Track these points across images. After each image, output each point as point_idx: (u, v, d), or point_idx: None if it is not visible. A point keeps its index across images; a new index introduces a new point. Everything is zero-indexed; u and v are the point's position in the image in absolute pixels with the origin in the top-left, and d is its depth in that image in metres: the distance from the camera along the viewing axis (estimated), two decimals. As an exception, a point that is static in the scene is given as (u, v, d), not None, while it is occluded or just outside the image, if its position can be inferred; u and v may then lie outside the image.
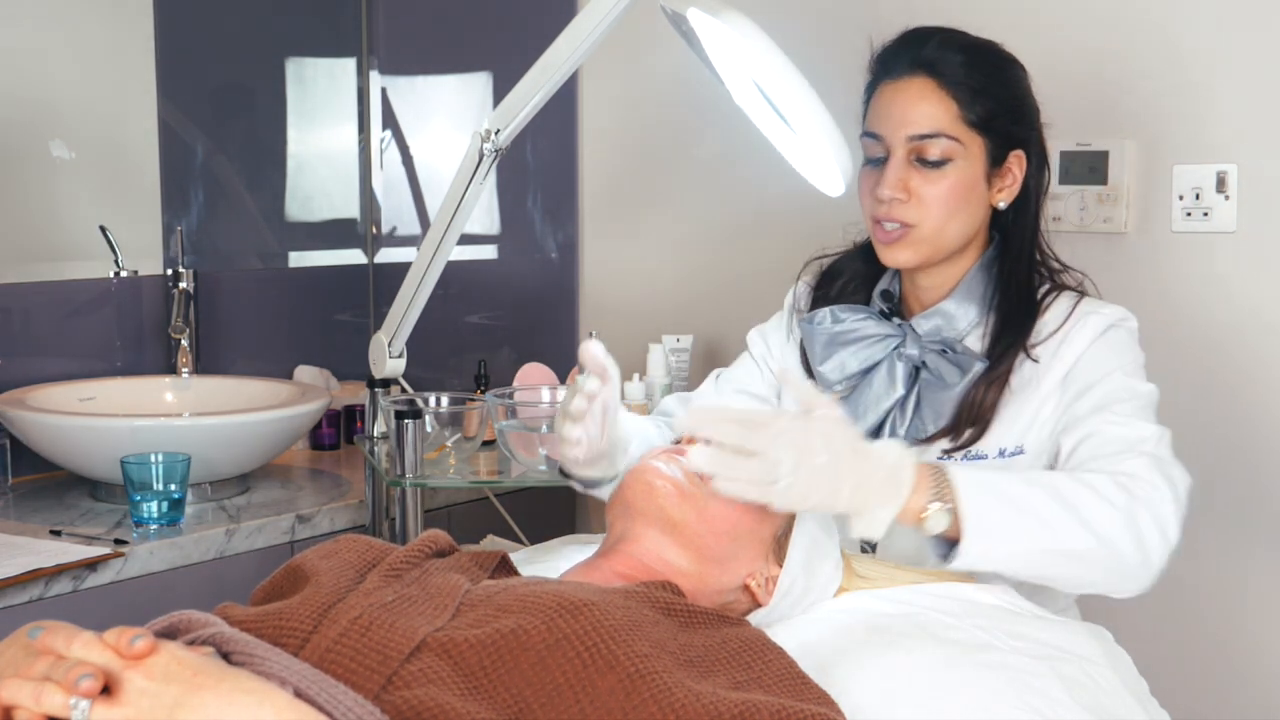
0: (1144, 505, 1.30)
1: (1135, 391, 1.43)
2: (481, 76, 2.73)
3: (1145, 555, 1.30)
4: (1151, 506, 1.31)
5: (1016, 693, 1.19)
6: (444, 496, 2.31)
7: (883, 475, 1.25)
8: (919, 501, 1.26)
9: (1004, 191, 1.52)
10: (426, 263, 1.92)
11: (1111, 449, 1.37)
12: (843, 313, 1.54)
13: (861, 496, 1.24)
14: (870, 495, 1.24)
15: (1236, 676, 1.87)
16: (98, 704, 0.85)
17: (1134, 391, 1.43)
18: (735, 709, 0.97)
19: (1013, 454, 1.47)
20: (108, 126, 2.48)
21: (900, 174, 1.48)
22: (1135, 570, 1.31)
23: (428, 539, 1.24)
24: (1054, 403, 1.46)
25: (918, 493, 1.26)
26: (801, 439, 1.22)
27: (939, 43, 1.49)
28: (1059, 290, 1.53)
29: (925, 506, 1.26)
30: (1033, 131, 1.53)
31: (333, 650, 1.01)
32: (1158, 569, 1.32)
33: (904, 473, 1.26)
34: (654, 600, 1.14)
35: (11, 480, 2.24)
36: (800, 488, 1.22)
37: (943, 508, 1.26)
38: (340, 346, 2.78)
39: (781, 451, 1.21)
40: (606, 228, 2.59)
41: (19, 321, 2.33)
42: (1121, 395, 1.42)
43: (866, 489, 1.24)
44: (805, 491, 1.22)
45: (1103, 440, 1.39)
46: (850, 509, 1.24)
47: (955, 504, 1.26)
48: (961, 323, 1.52)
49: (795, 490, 1.22)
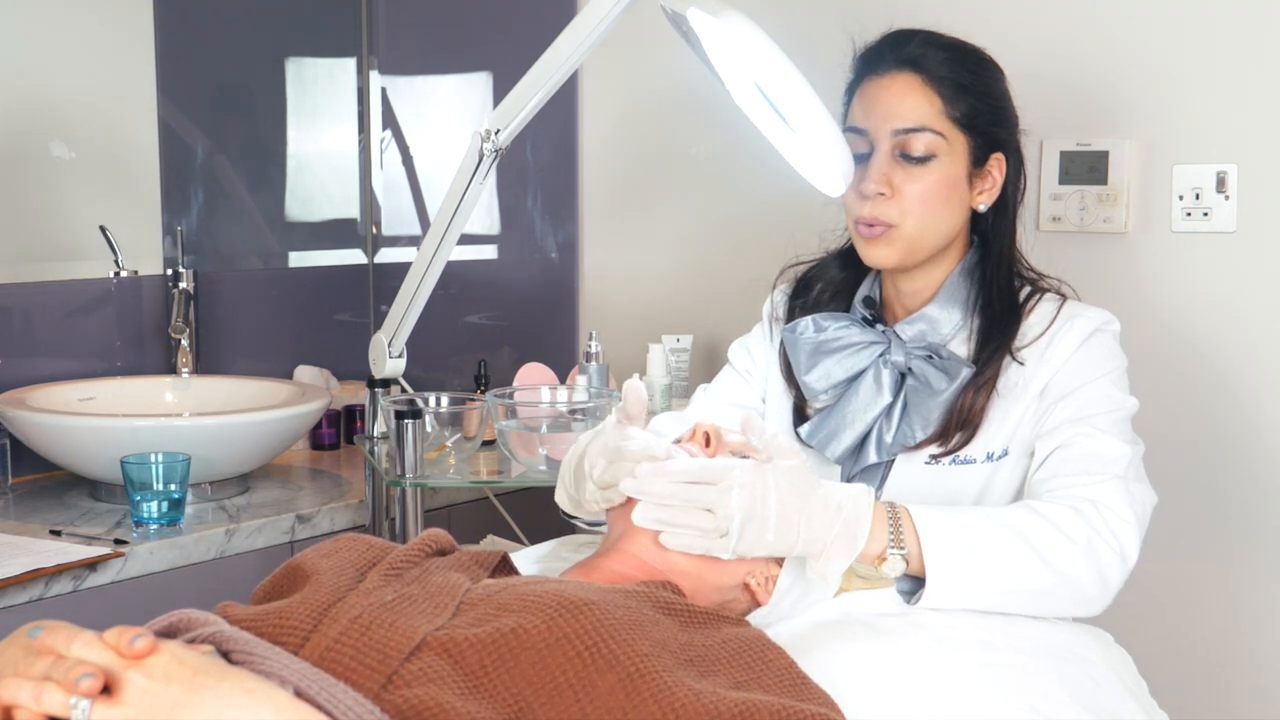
0: (1104, 535, 1.33)
1: (1115, 404, 1.44)
2: (481, 76, 2.73)
3: (1104, 583, 1.34)
4: (1112, 535, 1.33)
5: (1017, 692, 1.19)
6: (444, 496, 2.31)
7: (839, 527, 1.28)
8: (875, 547, 1.30)
9: (985, 194, 1.52)
10: (426, 263, 1.92)
11: (1080, 465, 1.39)
12: (825, 321, 1.54)
13: (817, 547, 1.27)
14: (826, 546, 1.28)
15: (1236, 676, 1.87)
16: (98, 704, 0.85)
17: (1113, 403, 1.44)
18: (735, 709, 0.97)
19: (999, 457, 1.47)
20: (108, 126, 2.48)
21: (884, 169, 1.48)
22: (1094, 596, 1.34)
23: (428, 538, 1.24)
24: (1037, 405, 1.47)
25: (874, 539, 1.30)
26: (755, 491, 1.25)
27: (922, 41, 1.50)
28: (1041, 293, 1.53)
29: (883, 551, 1.30)
30: (1012, 136, 1.53)
31: (333, 649, 1.01)
32: (1115, 590, 1.35)
33: (860, 522, 1.29)
34: (654, 600, 1.13)
35: (11, 480, 2.23)
36: (750, 539, 1.25)
37: (899, 554, 1.30)
38: (340, 346, 2.78)
39: (733, 505, 1.24)
40: (606, 228, 2.59)
41: (19, 321, 2.33)
42: (1100, 407, 1.43)
43: (822, 540, 1.27)
44: (754, 543, 1.25)
45: (1074, 454, 1.40)
46: (806, 554, 1.28)
47: (916, 550, 1.30)
48: (945, 327, 1.52)
49: (744, 543, 1.24)
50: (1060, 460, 1.41)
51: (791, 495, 1.26)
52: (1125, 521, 1.34)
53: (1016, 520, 1.33)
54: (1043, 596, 1.32)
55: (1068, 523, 1.32)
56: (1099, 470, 1.37)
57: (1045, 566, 1.31)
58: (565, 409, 2.01)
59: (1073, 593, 1.32)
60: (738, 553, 1.25)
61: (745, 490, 1.24)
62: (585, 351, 2.17)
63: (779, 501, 1.25)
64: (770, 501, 1.25)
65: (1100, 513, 1.34)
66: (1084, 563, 1.31)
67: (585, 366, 2.16)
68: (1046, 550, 1.31)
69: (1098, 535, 1.33)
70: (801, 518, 1.26)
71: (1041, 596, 1.32)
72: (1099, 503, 1.35)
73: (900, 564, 1.30)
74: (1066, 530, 1.32)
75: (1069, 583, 1.31)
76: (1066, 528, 1.32)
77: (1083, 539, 1.32)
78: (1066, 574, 1.31)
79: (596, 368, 2.15)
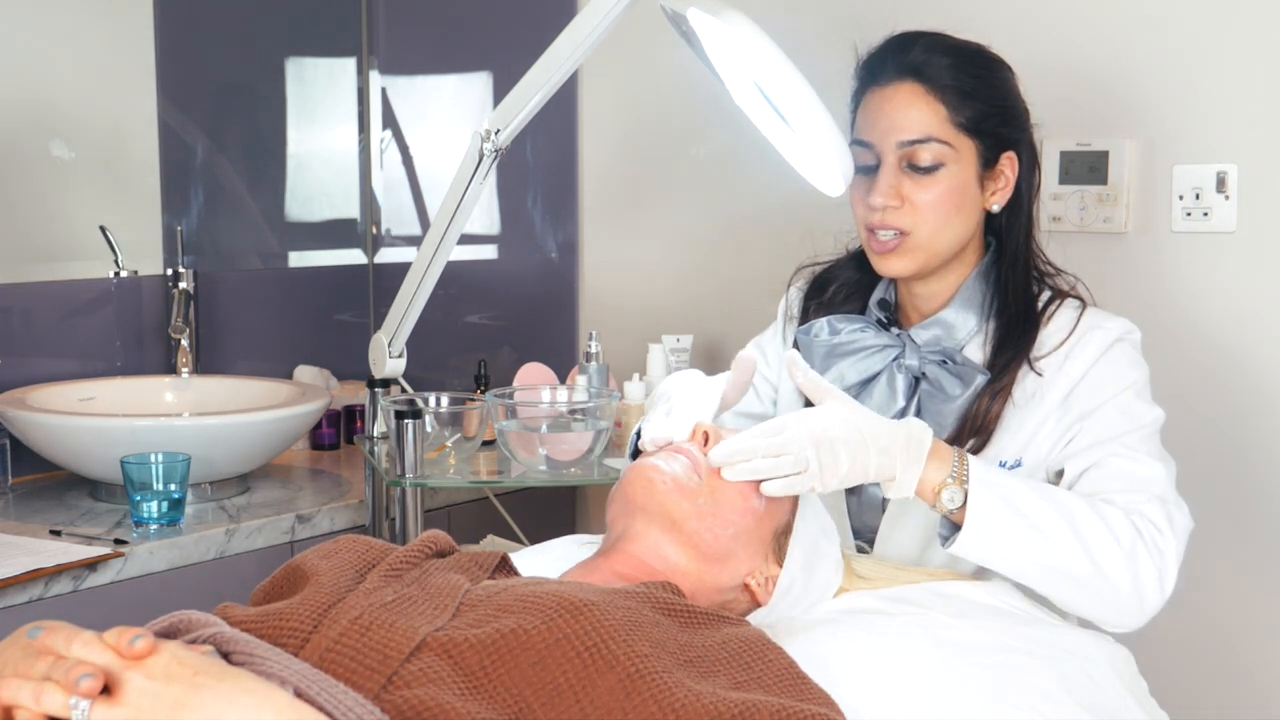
0: (1149, 551, 1.34)
1: (1141, 420, 1.43)
2: (481, 76, 2.73)
3: (1140, 598, 1.34)
4: (1158, 554, 1.34)
5: (1017, 693, 1.19)
6: (444, 496, 2.31)
7: (902, 440, 1.32)
8: (938, 475, 1.33)
9: (997, 194, 1.51)
10: (426, 263, 1.92)
11: (1119, 485, 1.39)
12: (840, 323, 1.54)
13: (887, 461, 1.31)
14: (894, 459, 1.31)
15: (1236, 676, 1.87)
16: (98, 704, 0.85)
17: (1140, 420, 1.43)
18: (735, 709, 0.97)
19: (1012, 466, 1.46)
20: (108, 126, 2.48)
21: (892, 181, 1.47)
22: (1128, 606, 1.34)
23: (428, 539, 1.24)
24: (1056, 417, 1.46)
25: (938, 464, 1.33)
26: (816, 426, 1.29)
27: (924, 47, 1.48)
28: (1061, 299, 1.51)
29: (944, 481, 1.32)
30: (1023, 133, 1.52)
31: (333, 650, 1.01)
32: (1150, 613, 1.36)
33: (923, 437, 1.33)
34: (654, 600, 1.13)
35: (11, 480, 2.23)
36: (830, 466, 1.28)
37: (960, 489, 1.32)
38: (340, 346, 2.78)
39: (803, 442, 1.28)
40: (606, 228, 2.59)
41: (19, 321, 2.33)
42: (1128, 425, 1.43)
43: (890, 454, 1.31)
44: (834, 467, 1.29)
45: (1110, 474, 1.40)
46: (879, 476, 1.31)
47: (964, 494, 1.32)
48: (961, 332, 1.51)
49: (828, 470, 1.28)
50: (1094, 480, 1.40)
51: (853, 417, 1.31)
52: (1169, 546, 1.35)
53: (1070, 503, 1.34)
54: (1074, 583, 1.33)
55: (1118, 524, 1.33)
56: (1137, 490, 1.38)
57: (1084, 553, 1.31)
58: (565, 409, 2.01)
59: (1106, 590, 1.33)
60: (825, 481, 1.29)
61: (804, 424, 1.29)
62: (585, 351, 2.17)
63: (842, 425, 1.30)
64: (832, 429, 1.29)
65: (1149, 530, 1.34)
66: (1124, 566, 1.32)
67: (585, 366, 2.16)
68: (1090, 539, 1.31)
69: (1143, 546, 1.33)
70: (866, 436, 1.30)
71: (1073, 583, 1.33)
72: (1148, 519, 1.35)
73: (959, 496, 1.32)
74: (1115, 530, 1.33)
75: (1104, 578, 1.32)
76: (1116, 529, 1.33)
77: (1128, 543, 1.33)
78: (1103, 569, 1.31)
79: (596, 368, 2.15)
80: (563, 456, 1.90)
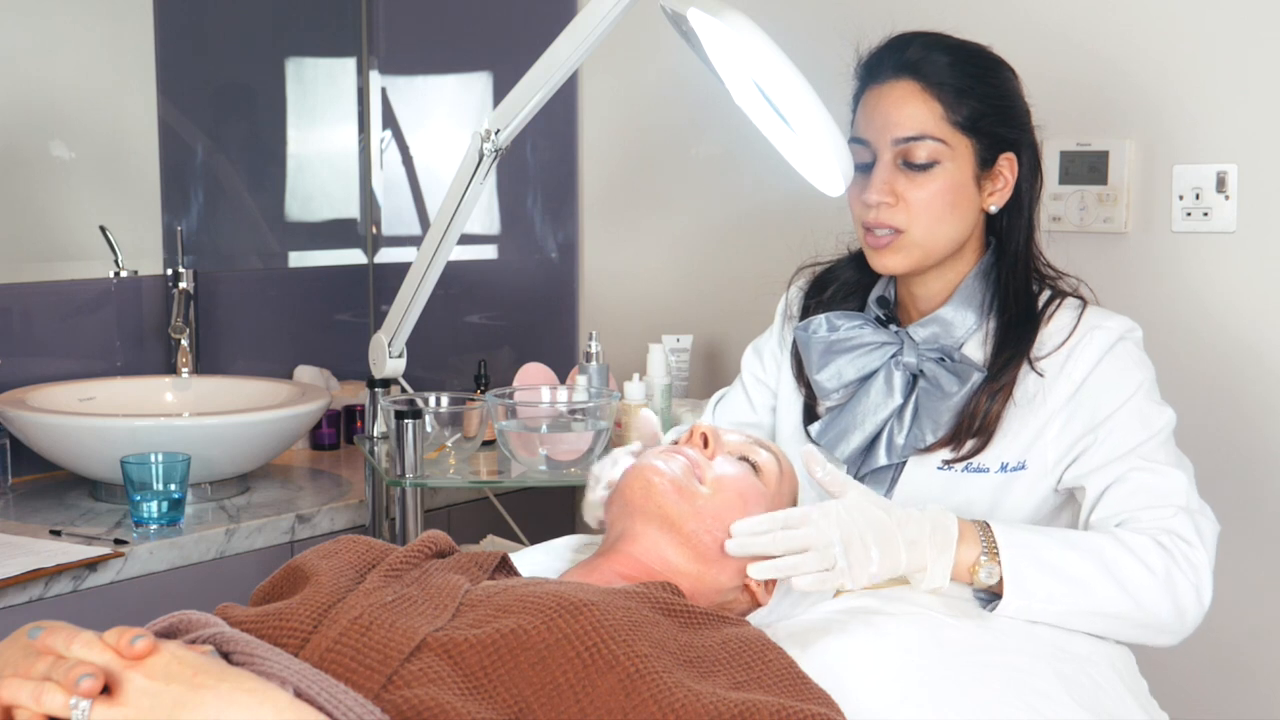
0: (1183, 569, 1.34)
1: (1155, 425, 1.43)
2: (481, 76, 2.73)
3: (1181, 617, 1.35)
4: (1191, 570, 1.35)
5: (1016, 693, 1.19)
6: (444, 496, 2.31)
7: (929, 529, 1.31)
8: (969, 555, 1.32)
9: (995, 195, 1.50)
10: (426, 263, 1.92)
11: (1143, 500, 1.39)
12: (838, 319, 1.54)
13: (918, 553, 1.30)
14: (924, 550, 1.30)
15: (1236, 676, 1.88)
16: (98, 704, 0.85)
17: (1154, 425, 1.43)
18: (735, 709, 0.97)
19: (1015, 469, 1.46)
20: (108, 126, 2.48)
21: (887, 178, 1.47)
22: (1171, 627, 1.35)
23: (428, 539, 1.24)
24: (1061, 421, 1.45)
25: (967, 545, 1.33)
26: (841, 519, 1.28)
27: (923, 45, 1.48)
28: (1061, 298, 1.51)
29: (977, 559, 1.32)
30: (1024, 134, 1.51)
31: (333, 650, 1.01)
32: (1193, 628, 1.36)
33: (948, 524, 1.32)
34: (654, 600, 1.13)
35: (11, 480, 2.24)
36: (860, 563, 1.28)
37: (995, 563, 1.32)
38: (340, 346, 2.78)
39: (828, 536, 1.27)
40: (606, 228, 2.59)
41: (19, 321, 2.33)
42: (1144, 433, 1.42)
43: (920, 545, 1.30)
44: (862, 563, 1.28)
45: (1133, 489, 1.40)
46: (911, 568, 1.30)
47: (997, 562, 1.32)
48: (959, 330, 1.51)
49: (857, 567, 1.28)
50: (1118, 497, 1.40)
51: (877, 512, 1.30)
52: (1201, 560, 1.35)
53: (1097, 544, 1.34)
54: (1118, 621, 1.33)
55: (1148, 553, 1.34)
56: (1161, 504, 1.38)
57: (1121, 591, 1.32)
58: (565, 409, 2.01)
59: (1148, 620, 1.34)
60: (855, 578, 1.28)
61: (831, 518, 1.28)
62: (585, 351, 2.17)
63: (867, 521, 1.29)
64: (859, 522, 1.28)
65: (1178, 546, 1.35)
66: (1161, 593, 1.33)
67: (585, 366, 2.16)
68: (1123, 575, 1.32)
69: (1176, 567, 1.34)
70: (895, 531, 1.29)
71: (1115, 620, 1.33)
72: (1176, 535, 1.35)
73: (995, 571, 1.31)
74: (1146, 559, 1.33)
75: (1145, 611, 1.33)
76: (1146, 557, 1.33)
77: (1161, 570, 1.33)
78: (1142, 602, 1.32)
79: (596, 368, 2.15)
80: (563, 456, 1.90)
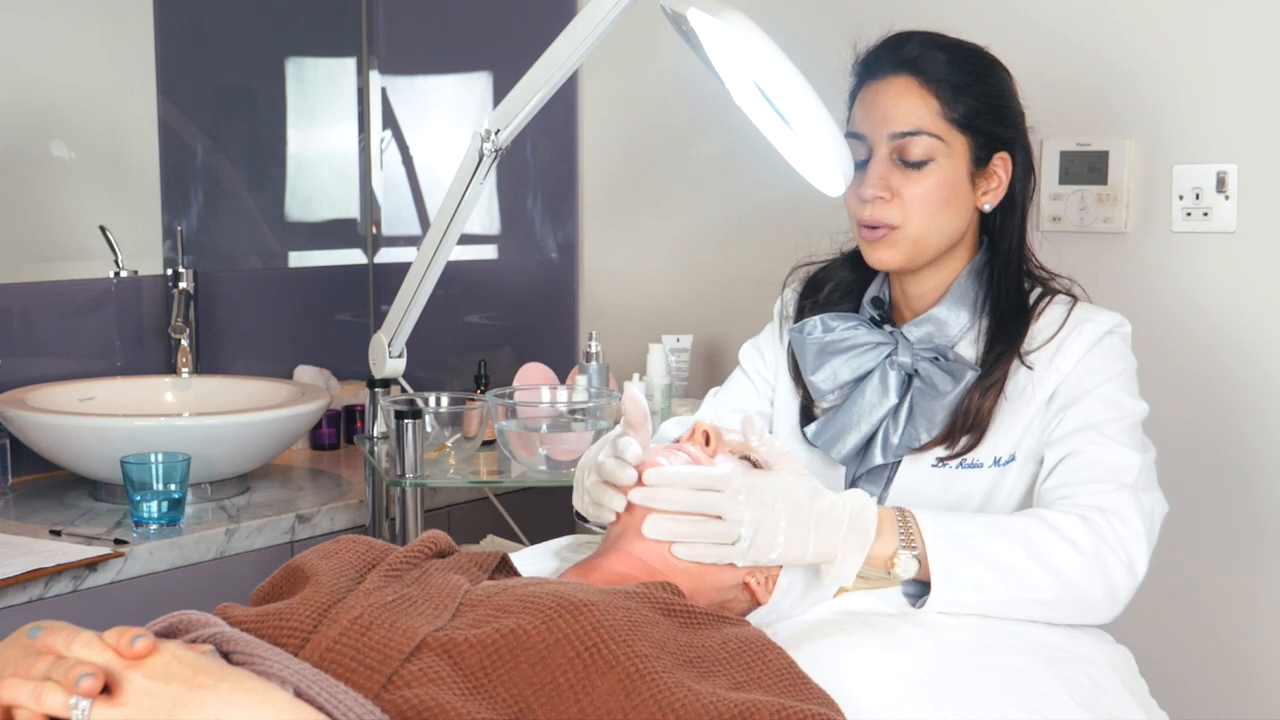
0: (1112, 546, 1.32)
1: (1124, 410, 1.43)
2: (481, 76, 2.74)
3: (1113, 595, 1.33)
4: (1120, 546, 1.33)
5: (1016, 693, 1.19)
6: (444, 496, 2.31)
7: (847, 524, 1.28)
8: (887, 548, 1.30)
9: (989, 194, 1.51)
10: (426, 263, 1.92)
11: (1091, 474, 1.38)
12: (833, 321, 1.54)
13: (828, 547, 1.27)
14: (837, 545, 1.27)
15: (1236, 677, 1.88)
16: (98, 704, 0.85)
17: (1123, 409, 1.43)
18: (735, 709, 0.97)
19: (1006, 462, 1.46)
20: (108, 126, 2.48)
21: (882, 173, 1.47)
22: (1102, 606, 1.34)
23: (428, 539, 1.24)
24: (1045, 412, 1.46)
25: (884, 539, 1.30)
26: (761, 497, 1.25)
27: (921, 42, 1.49)
28: (1052, 295, 1.51)
29: (895, 553, 1.30)
30: (1018, 134, 1.52)
31: (333, 650, 1.01)
32: (1124, 602, 1.35)
33: (867, 521, 1.29)
34: (654, 600, 1.13)
35: (11, 480, 2.24)
36: (762, 544, 1.25)
37: (911, 555, 1.30)
38: (340, 346, 2.78)
39: (740, 511, 1.24)
40: (606, 228, 2.59)
41: (19, 321, 2.33)
42: (1109, 413, 1.42)
43: (832, 540, 1.27)
44: (767, 548, 1.25)
45: (1084, 462, 1.39)
46: (818, 559, 1.27)
47: (923, 553, 1.30)
48: (953, 329, 1.51)
49: (757, 548, 1.25)
50: (1069, 469, 1.40)
51: (801, 496, 1.27)
52: (1134, 533, 1.33)
53: (1023, 528, 1.32)
54: (1048, 606, 1.32)
55: (1075, 532, 1.32)
56: (1108, 479, 1.37)
57: (1051, 576, 1.30)
58: (565, 409, 2.01)
59: (1078, 602, 1.32)
60: (751, 559, 1.25)
61: (753, 494, 1.25)
62: (585, 351, 2.17)
63: (787, 505, 1.26)
64: (778, 505, 1.25)
65: (1109, 522, 1.33)
66: (1091, 573, 1.31)
67: (585, 366, 2.16)
68: (1052, 560, 1.31)
69: (1105, 545, 1.32)
70: (810, 520, 1.26)
71: (1047, 606, 1.32)
72: (1108, 512, 1.34)
73: (913, 564, 1.29)
74: (1074, 540, 1.31)
75: (1074, 592, 1.31)
76: (1074, 537, 1.32)
77: (1090, 549, 1.31)
78: (1072, 584, 1.31)
79: (596, 368, 2.15)
80: (563, 456, 1.90)
